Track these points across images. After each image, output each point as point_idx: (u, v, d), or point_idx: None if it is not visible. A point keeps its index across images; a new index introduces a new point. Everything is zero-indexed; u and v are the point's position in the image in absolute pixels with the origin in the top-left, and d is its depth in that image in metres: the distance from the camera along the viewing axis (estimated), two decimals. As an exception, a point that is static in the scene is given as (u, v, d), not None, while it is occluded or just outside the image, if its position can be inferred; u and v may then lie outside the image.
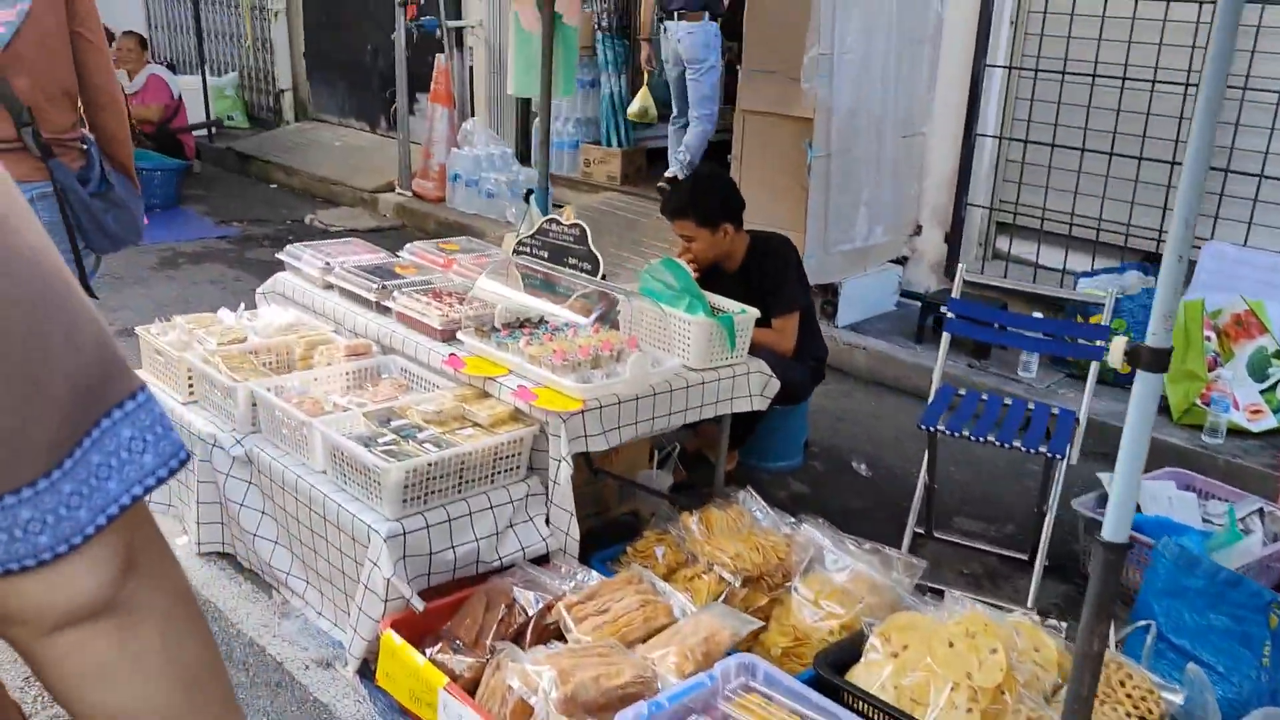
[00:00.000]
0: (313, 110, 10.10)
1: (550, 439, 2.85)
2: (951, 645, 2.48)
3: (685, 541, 2.99)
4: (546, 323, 3.26)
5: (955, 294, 3.59)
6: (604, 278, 3.42)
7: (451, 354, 3.12)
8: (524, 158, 7.98)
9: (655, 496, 3.47)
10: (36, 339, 0.70)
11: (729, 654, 2.43)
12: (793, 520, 3.10)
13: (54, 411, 0.71)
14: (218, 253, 6.81)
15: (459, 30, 8.19)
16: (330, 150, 9.15)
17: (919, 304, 5.48)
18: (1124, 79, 4.91)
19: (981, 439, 3.19)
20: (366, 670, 2.71)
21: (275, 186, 8.87)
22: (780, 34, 5.16)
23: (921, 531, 3.65)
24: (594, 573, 2.80)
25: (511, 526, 2.87)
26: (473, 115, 8.14)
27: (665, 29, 6.56)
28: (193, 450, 3.18)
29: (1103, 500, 3.58)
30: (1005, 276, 5.47)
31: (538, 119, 7.75)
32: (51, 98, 3.03)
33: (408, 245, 4.05)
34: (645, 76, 7.32)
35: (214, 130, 9.73)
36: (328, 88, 9.94)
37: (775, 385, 3.35)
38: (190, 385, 3.31)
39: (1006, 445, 3.17)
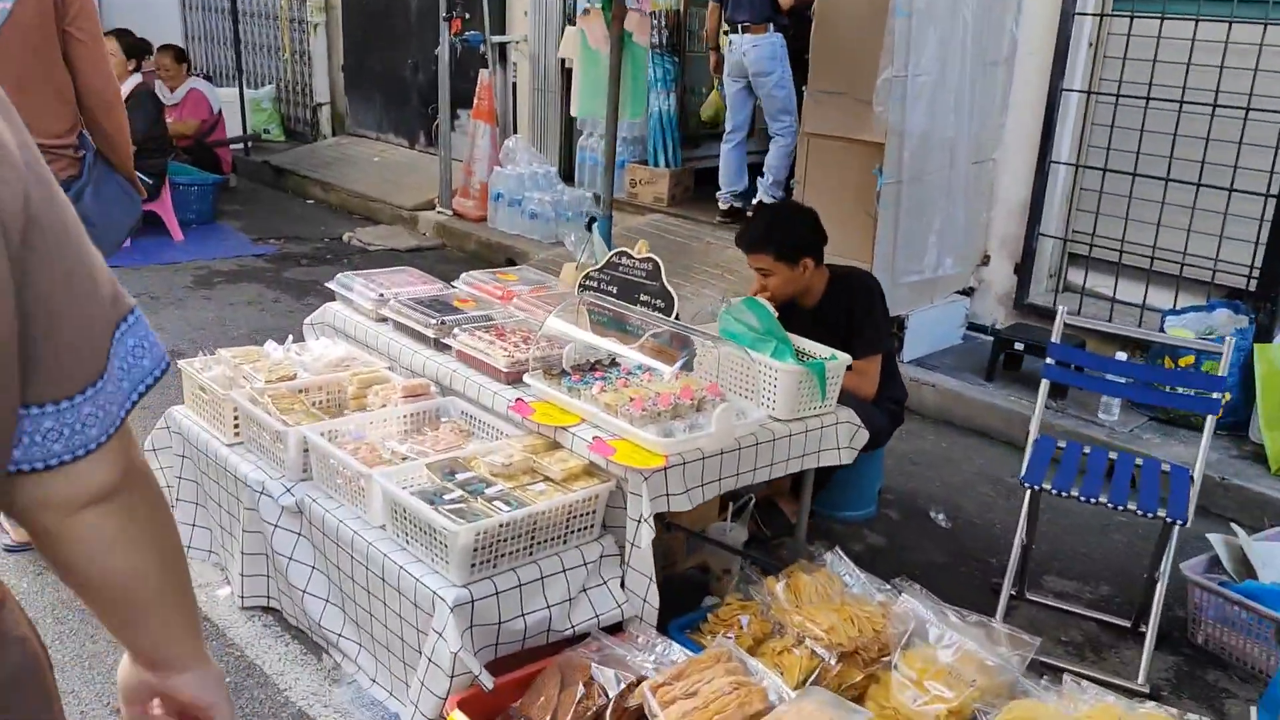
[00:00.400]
0: (350, 125, 9.94)
1: (629, 497, 2.61)
2: (1082, 743, 2.22)
3: (771, 609, 2.74)
4: (618, 364, 3.03)
5: (1055, 337, 3.33)
6: (677, 317, 3.18)
7: (518, 399, 2.89)
8: (568, 177, 7.77)
9: (728, 552, 3.22)
10: (89, 251, 0.90)
11: (838, 751, 2.18)
12: (886, 586, 2.85)
13: (104, 313, 0.91)
14: (255, 272, 6.63)
15: (502, 45, 8.01)
16: (368, 166, 8.98)
17: (989, 338, 5.22)
18: (1215, 105, 4.65)
19: (1093, 500, 2.92)
20: (427, 749, 2.48)
21: (312, 202, 8.71)
22: (849, 55, 4.93)
23: (1014, 593, 3.39)
24: (674, 645, 2.56)
25: (585, 591, 2.63)
26: (515, 133, 7.94)
27: (730, 42, 6.37)
28: (239, 498, 2.97)
29: (1214, 563, 3.32)
30: (1079, 312, 5.21)
31: (582, 137, 7.60)
32: (40, 101, 2.89)
33: (463, 276, 3.83)
34: (715, 81, 7.16)
35: (250, 144, 9.59)
36: (366, 102, 9.78)
37: (864, 436, 3.11)
38: (236, 426, 3.09)
39: (1120, 508, 2.90)
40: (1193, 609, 3.23)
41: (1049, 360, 3.32)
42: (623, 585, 2.68)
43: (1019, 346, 4.90)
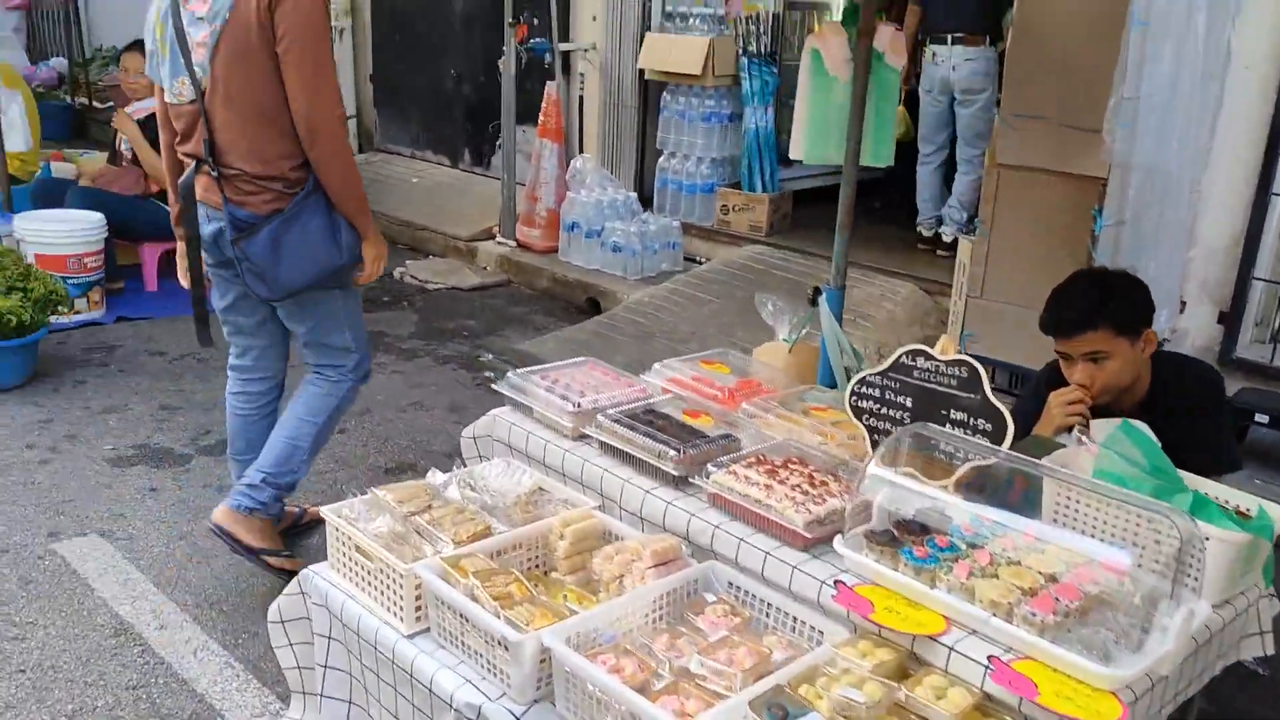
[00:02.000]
0: (380, 140, 9.03)
1: (1060, 754, 1.78)
2: None
3: None
4: (946, 519, 2.19)
5: None
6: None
7: (838, 583, 2.05)
8: (644, 202, 6.93)
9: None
10: None
11: None
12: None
13: None
14: (308, 321, 5.71)
15: (566, 54, 7.15)
16: (408, 189, 8.09)
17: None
18: None
19: None
20: None
21: (347, 229, 7.79)
22: (1055, 72, 4.13)
23: None
24: None
25: None
26: (582, 152, 7.09)
27: (934, 55, 5.63)
28: (433, 718, 2.11)
29: None
30: (1307, 370, 4.45)
31: (662, 158, 6.73)
32: (254, 126, 2.74)
33: (655, 367, 2.98)
34: (903, 95, 6.46)
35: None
36: (399, 116, 8.87)
37: (1277, 606, 2.30)
38: (419, 609, 2.23)
39: None
40: None
41: None
42: None
43: (1261, 419, 4.11)
